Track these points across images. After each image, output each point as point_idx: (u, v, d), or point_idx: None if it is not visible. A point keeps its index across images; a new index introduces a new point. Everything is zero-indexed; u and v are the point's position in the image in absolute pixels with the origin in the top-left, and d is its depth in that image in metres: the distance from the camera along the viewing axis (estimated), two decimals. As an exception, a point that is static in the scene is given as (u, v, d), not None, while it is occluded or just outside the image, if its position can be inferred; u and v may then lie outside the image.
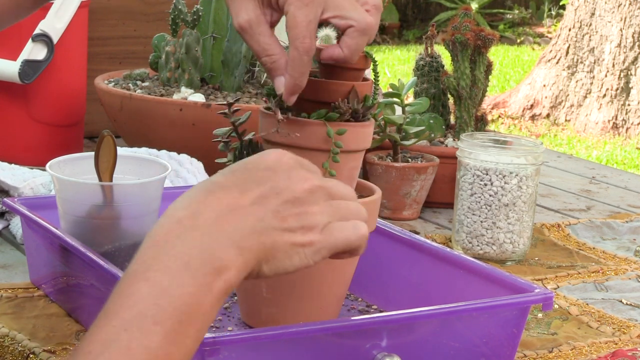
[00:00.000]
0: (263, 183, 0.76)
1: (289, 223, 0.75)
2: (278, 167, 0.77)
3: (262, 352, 0.88)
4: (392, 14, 9.38)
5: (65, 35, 1.70)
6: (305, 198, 0.77)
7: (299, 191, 0.76)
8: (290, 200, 0.76)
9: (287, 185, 0.76)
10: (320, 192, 0.78)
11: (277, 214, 0.75)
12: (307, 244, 0.76)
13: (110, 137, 1.13)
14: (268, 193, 0.75)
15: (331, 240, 0.77)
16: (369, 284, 1.17)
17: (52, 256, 1.15)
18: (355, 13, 0.93)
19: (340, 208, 0.79)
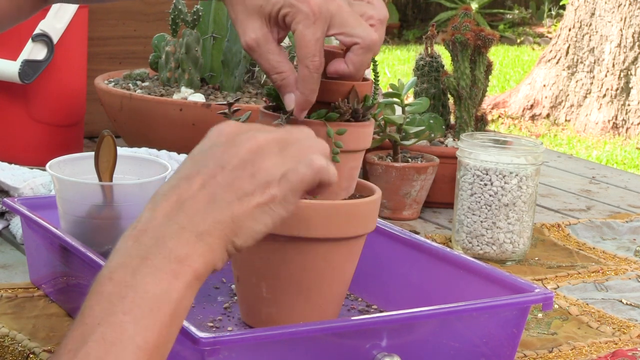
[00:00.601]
0: (206, 163, 0.77)
1: (244, 188, 0.76)
2: (220, 141, 0.78)
3: (262, 352, 0.88)
4: (392, 14, 9.38)
5: (65, 35, 1.70)
6: (252, 158, 0.77)
7: (244, 153, 0.77)
8: (238, 166, 0.76)
9: (232, 154, 0.77)
10: (269, 146, 0.78)
11: (229, 186, 0.76)
12: (269, 200, 0.76)
13: (110, 137, 1.13)
14: (213, 171, 0.76)
15: (290, 186, 0.77)
16: (369, 284, 1.17)
17: (52, 256, 1.15)
18: (360, 30, 0.93)
19: (291, 152, 0.78)
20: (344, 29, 0.93)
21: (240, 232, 0.76)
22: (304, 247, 0.98)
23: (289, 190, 0.77)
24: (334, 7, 0.93)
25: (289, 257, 0.99)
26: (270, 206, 0.76)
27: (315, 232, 0.97)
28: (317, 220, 0.97)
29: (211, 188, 0.76)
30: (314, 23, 0.92)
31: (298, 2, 0.92)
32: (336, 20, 0.93)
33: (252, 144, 0.77)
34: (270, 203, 0.76)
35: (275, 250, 0.98)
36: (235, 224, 0.75)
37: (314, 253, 0.99)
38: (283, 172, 0.77)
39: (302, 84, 0.93)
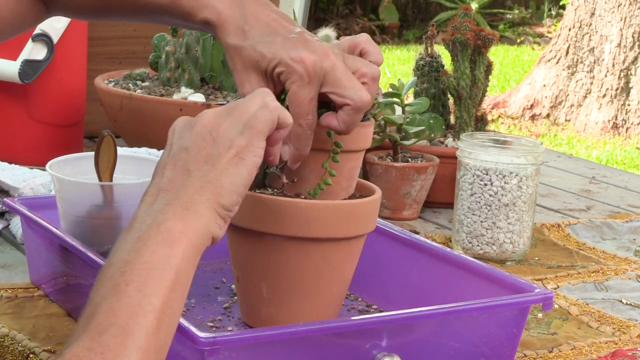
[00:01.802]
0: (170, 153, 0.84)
1: (211, 154, 0.81)
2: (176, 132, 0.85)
3: (262, 352, 0.88)
4: (392, 14, 9.38)
5: (65, 35, 1.70)
6: (208, 129, 0.83)
7: (199, 129, 0.83)
8: (198, 140, 0.82)
9: (188, 135, 0.83)
10: (218, 114, 0.84)
11: (197, 158, 0.81)
12: (237, 152, 0.82)
13: (110, 137, 1.13)
14: (178, 154, 0.83)
15: (252, 131, 0.82)
16: (369, 284, 1.17)
17: (52, 256, 1.15)
18: (352, 91, 0.94)
19: (240, 109, 0.84)
20: (337, 89, 0.94)
21: (223, 191, 0.80)
22: (304, 247, 0.98)
23: (254, 136, 0.82)
24: (328, 65, 0.94)
25: (289, 257, 0.99)
26: (241, 156, 0.82)
27: (315, 232, 0.97)
28: (317, 220, 0.97)
29: (183, 166, 0.81)
30: (308, 83, 0.93)
31: (293, 62, 0.94)
32: (329, 78, 0.94)
33: (203, 119, 0.84)
34: (239, 153, 0.82)
35: (275, 250, 0.98)
36: (215, 185, 0.80)
37: (314, 253, 0.99)
38: (243, 124, 0.83)
39: (295, 141, 0.95)
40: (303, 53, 0.93)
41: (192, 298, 1.13)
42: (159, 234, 0.77)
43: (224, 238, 1.03)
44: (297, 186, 0.99)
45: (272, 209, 0.96)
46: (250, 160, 0.82)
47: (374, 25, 9.23)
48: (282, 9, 2.23)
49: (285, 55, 0.94)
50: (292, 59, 0.94)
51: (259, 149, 0.83)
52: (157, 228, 0.77)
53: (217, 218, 0.80)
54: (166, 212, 0.78)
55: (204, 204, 0.79)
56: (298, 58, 0.93)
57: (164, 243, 0.76)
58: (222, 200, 0.80)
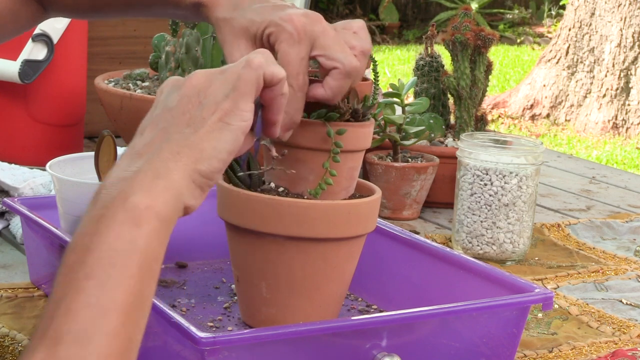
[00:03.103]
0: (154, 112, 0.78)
1: (194, 116, 0.76)
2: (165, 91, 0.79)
3: (262, 352, 0.88)
4: (392, 14, 9.38)
5: (65, 35, 1.70)
6: (197, 90, 0.77)
7: (187, 89, 0.78)
8: (183, 101, 0.77)
9: (175, 95, 0.78)
10: (210, 74, 0.78)
11: (179, 120, 0.76)
12: (222, 115, 0.76)
13: (110, 137, 1.13)
14: (161, 114, 0.77)
15: (237, 93, 0.77)
16: (369, 284, 1.17)
17: (52, 256, 1.15)
18: (341, 55, 0.93)
19: (232, 69, 0.78)
20: (326, 51, 0.93)
21: (202, 157, 0.74)
22: (304, 247, 0.98)
23: (239, 97, 0.77)
24: (319, 28, 0.93)
25: (289, 257, 0.99)
26: (225, 120, 0.76)
27: (315, 232, 0.97)
28: (317, 220, 0.97)
29: (164, 128, 0.76)
30: (298, 42, 0.92)
31: (282, 22, 0.93)
32: (319, 42, 0.93)
33: (192, 80, 0.78)
34: (225, 117, 0.76)
35: (275, 250, 0.98)
36: (194, 149, 0.74)
37: (314, 253, 0.99)
38: (230, 87, 0.77)
39: (287, 104, 0.90)
40: (293, 13, 0.93)
41: (192, 298, 1.13)
42: (124, 211, 0.69)
43: (224, 238, 1.03)
44: (297, 186, 0.99)
45: (272, 209, 0.96)
46: (235, 125, 0.76)
47: (374, 25, 9.23)
48: (282, 9, 2.22)
49: (275, 16, 0.93)
50: (281, 18, 0.93)
51: (245, 113, 0.77)
52: (122, 204, 0.69)
53: (192, 186, 0.74)
54: (134, 182, 0.71)
55: (178, 170, 0.73)
56: (287, 17, 0.93)
57: (128, 222, 0.69)
58: (200, 166, 0.74)
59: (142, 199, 0.70)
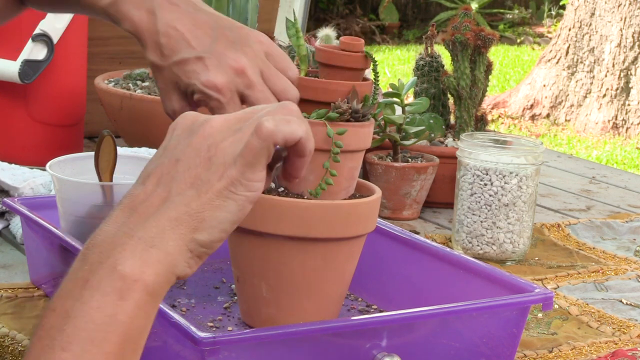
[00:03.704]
0: (162, 160, 0.72)
1: (200, 177, 0.70)
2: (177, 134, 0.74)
3: (262, 352, 0.88)
4: (392, 14, 9.38)
5: (65, 35, 1.70)
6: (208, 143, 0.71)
7: (198, 140, 0.71)
8: (192, 154, 0.71)
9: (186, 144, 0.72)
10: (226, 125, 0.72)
11: (183, 179, 0.70)
12: (228, 184, 0.70)
13: (110, 137, 1.13)
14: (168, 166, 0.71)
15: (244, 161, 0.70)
16: (369, 284, 1.17)
17: (52, 256, 1.15)
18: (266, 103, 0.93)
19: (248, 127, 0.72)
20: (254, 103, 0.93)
21: (202, 226, 0.69)
22: (304, 247, 0.98)
23: (246, 167, 0.70)
24: (243, 84, 0.93)
25: (289, 257, 0.99)
26: (231, 189, 0.70)
27: (315, 232, 0.97)
28: (317, 220, 0.97)
29: (166, 185, 0.70)
30: (227, 104, 0.93)
31: (205, 88, 0.93)
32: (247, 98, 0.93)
33: (206, 129, 0.72)
34: (231, 186, 0.70)
35: (275, 250, 0.98)
36: (194, 218, 0.69)
37: (314, 253, 0.99)
38: (239, 152, 0.70)
39: None
40: (213, 76, 0.92)
41: (192, 298, 1.13)
42: (110, 280, 0.65)
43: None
44: (297, 186, 0.99)
45: (272, 209, 0.96)
46: (242, 196, 0.70)
47: (374, 25, 9.23)
48: (282, 9, 2.22)
49: (198, 81, 0.93)
50: (204, 84, 0.93)
51: (253, 183, 0.70)
52: (110, 273, 0.65)
53: (188, 256, 0.69)
54: (126, 249, 0.66)
55: (174, 240, 0.68)
56: (209, 83, 0.92)
57: (113, 294, 0.65)
58: (198, 236, 0.69)
59: (131, 269, 0.66)
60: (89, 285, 0.65)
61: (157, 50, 0.95)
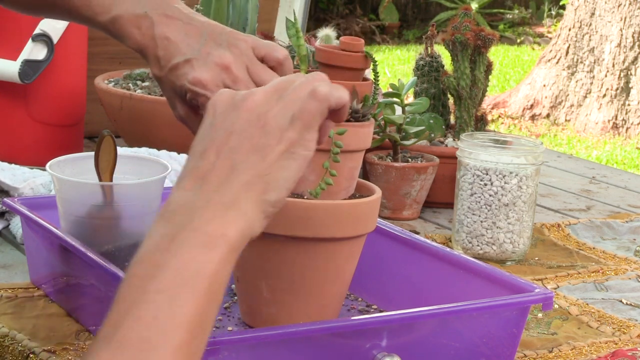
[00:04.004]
0: (214, 135, 0.76)
1: (259, 144, 0.75)
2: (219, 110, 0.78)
3: (262, 352, 0.88)
4: (392, 14, 9.38)
5: (65, 35, 1.70)
6: (256, 114, 0.77)
7: (246, 112, 0.77)
8: (245, 125, 0.76)
9: (234, 117, 0.77)
10: (267, 97, 0.78)
11: (244, 147, 0.75)
12: (289, 145, 0.76)
13: (110, 137, 1.13)
14: (223, 138, 0.76)
15: (302, 124, 0.76)
16: (369, 284, 1.17)
17: (52, 256, 1.15)
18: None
19: (291, 95, 0.78)
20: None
21: (271, 187, 0.75)
22: (304, 247, 0.98)
23: (304, 129, 0.77)
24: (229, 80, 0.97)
25: (289, 257, 0.99)
26: (292, 150, 0.76)
27: (315, 232, 0.97)
28: (317, 220, 0.97)
29: (227, 155, 0.75)
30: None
31: (193, 86, 0.97)
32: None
33: (250, 102, 0.77)
34: (291, 147, 0.76)
35: (275, 250, 0.98)
36: (263, 179, 0.75)
37: (314, 253, 0.99)
38: (291, 115, 0.76)
39: None
40: (198, 73, 0.96)
41: (192, 298, 1.13)
42: (197, 236, 0.71)
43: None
44: (297, 186, 0.99)
45: (272, 209, 0.96)
46: (301, 155, 0.76)
47: (374, 25, 9.23)
48: (282, 9, 2.23)
49: (186, 80, 0.97)
50: (191, 82, 0.97)
51: (310, 142, 0.77)
52: (195, 229, 0.71)
53: (261, 216, 0.75)
54: (206, 212, 0.72)
55: (249, 201, 0.74)
56: (195, 79, 0.96)
57: (201, 247, 0.70)
58: (268, 197, 0.75)
59: (216, 227, 0.71)
60: (176, 241, 0.70)
61: (157, 63, 1.00)
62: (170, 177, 1.42)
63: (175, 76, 0.98)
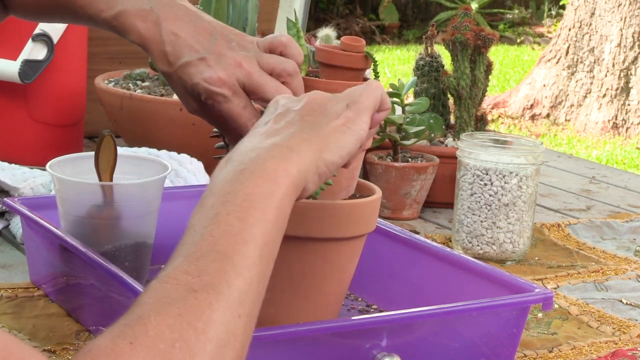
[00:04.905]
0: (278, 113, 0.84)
1: (320, 119, 0.83)
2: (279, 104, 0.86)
3: (262, 352, 0.88)
4: (392, 14, 9.38)
5: (65, 35, 1.70)
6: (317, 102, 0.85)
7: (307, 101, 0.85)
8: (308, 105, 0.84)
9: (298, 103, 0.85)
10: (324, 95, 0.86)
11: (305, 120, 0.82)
12: (346, 121, 0.83)
13: (110, 137, 1.13)
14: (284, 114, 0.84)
15: (360, 106, 0.84)
16: (369, 284, 1.17)
17: (52, 256, 1.15)
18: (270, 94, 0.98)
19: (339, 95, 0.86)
20: (257, 94, 0.98)
21: (329, 147, 0.81)
22: (304, 247, 0.98)
23: (361, 110, 0.84)
24: (243, 75, 0.98)
25: (289, 257, 0.98)
26: (348, 125, 0.83)
27: (315, 232, 0.97)
28: (317, 220, 0.97)
29: (289, 120, 0.82)
30: (232, 96, 0.98)
31: (208, 84, 0.98)
32: (248, 86, 0.98)
33: (309, 97, 0.85)
34: (348, 122, 0.83)
35: (275, 250, 0.98)
36: (322, 139, 0.81)
37: (314, 253, 0.99)
38: (347, 104, 0.84)
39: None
40: (214, 72, 0.98)
41: (192, 298, 1.13)
42: (263, 170, 0.76)
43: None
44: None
45: (272, 209, 0.96)
46: (357, 131, 0.83)
47: (374, 25, 9.23)
48: (282, 9, 2.22)
49: (200, 79, 0.98)
50: (206, 80, 0.98)
51: (364, 124, 0.84)
52: (262, 164, 0.76)
53: (315, 171, 0.80)
54: (272, 150, 0.78)
55: (309, 150, 0.79)
56: (211, 79, 0.98)
57: (268, 178, 0.75)
58: (325, 155, 0.80)
59: (280, 164, 0.77)
60: (244, 174, 0.75)
61: (164, 59, 1.00)
62: (170, 177, 1.42)
63: (187, 74, 0.99)
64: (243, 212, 0.72)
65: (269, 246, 0.73)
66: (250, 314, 0.71)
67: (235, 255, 0.70)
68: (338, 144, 0.82)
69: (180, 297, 0.66)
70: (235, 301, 0.69)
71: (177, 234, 0.76)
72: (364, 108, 0.85)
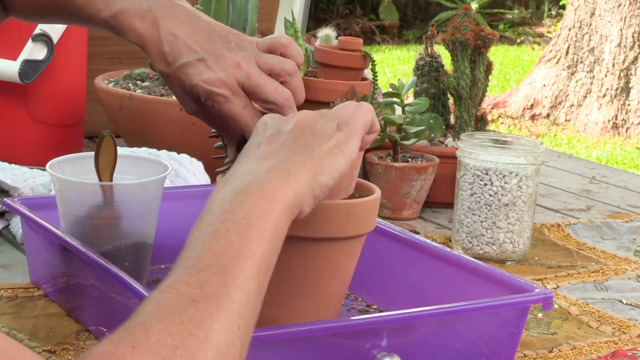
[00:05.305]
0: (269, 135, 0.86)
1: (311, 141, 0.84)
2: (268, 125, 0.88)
3: (262, 352, 0.88)
4: (392, 14, 9.38)
5: (65, 35, 1.70)
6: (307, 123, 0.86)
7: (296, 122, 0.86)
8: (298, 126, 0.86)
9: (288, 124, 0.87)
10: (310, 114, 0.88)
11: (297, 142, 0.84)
12: (337, 143, 0.85)
13: (110, 137, 1.13)
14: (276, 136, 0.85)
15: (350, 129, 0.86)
16: (369, 284, 1.17)
17: (52, 256, 1.15)
18: (270, 94, 0.98)
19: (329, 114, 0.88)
20: (257, 95, 0.98)
21: (322, 170, 0.83)
22: (304, 246, 0.98)
23: (352, 132, 0.86)
24: (242, 75, 0.98)
25: (289, 257, 0.98)
26: (340, 147, 0.85)
27: (315, 232, 0.97)
28: (317, 220, 0.97)
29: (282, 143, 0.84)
30: (232, 97, 0.98)
31: (208, 85, 0.98)
32: (247, 87, 0.98)
33: (298, 117, 0.87)
34: (339, 145, 0.85)
35: (275, 250, 0.98)
36: (316, 162, 0.83)
37: (314, 253, 0.99)
38: (337, 124, 0.86)
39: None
40: (213, 73, 0.98)
41: (192, 298, 1.13)
42: (262, 191, 0.78)
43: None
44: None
45: (272, 209, 0.96)
46: (349, 153, 0.85)
47: (374, 25, 9.23)
48: (281, 9, 2.22)
49: (199, 80, 0.98)
50: (205, 81, 0.98)
51: (355, 147, 0.86)
52: (261, 186, 0.79)
53: (310, 194, 0.82)
54: (270, 173, 0.80)
55: (305, 173, 0.81)
56: (211, 80, 0.97)
57: (266, 199, 0.78)
58: (320, 178, 0.83)
59: (277, 186, 0.79)
60: (244, 194, 0.78)
61: (162, 59, 1.00)
62: (170, 177, 1.42)
63: (186, 74, 0.99)
64: (242, 230, 0.75)
65: (265, 262, 0.75)
66: (248, 326, 0.72)
67: (235, 269, 0.72)
68: (331, 166, 0.84)
69: (182, 306, 0.67)
70: (235, 313, 0.70)
71: (177, 234, 0.76)
72: (355, 130, 0.86)
